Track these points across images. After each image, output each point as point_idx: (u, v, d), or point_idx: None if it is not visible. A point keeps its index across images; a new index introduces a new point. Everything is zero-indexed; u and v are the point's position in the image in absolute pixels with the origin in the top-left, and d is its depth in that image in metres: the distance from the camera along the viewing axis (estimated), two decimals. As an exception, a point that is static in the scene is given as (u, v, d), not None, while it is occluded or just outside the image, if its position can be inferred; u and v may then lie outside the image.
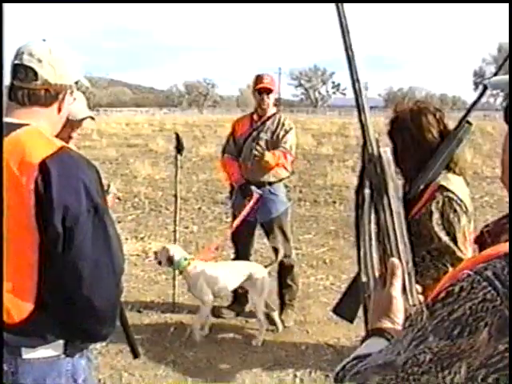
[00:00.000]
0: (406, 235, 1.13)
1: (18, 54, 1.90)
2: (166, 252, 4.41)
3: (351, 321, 2.49)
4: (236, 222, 4.81)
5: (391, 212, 1.12)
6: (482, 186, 11.12)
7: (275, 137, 4.75)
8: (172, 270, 4.82)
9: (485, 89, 2.34)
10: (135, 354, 2.64)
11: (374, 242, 1.16)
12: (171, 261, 4.39)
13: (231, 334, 4.63)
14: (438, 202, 2.41)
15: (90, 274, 1.79)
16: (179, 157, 5.52)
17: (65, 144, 1.86)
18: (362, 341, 1.07)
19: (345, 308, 2.50)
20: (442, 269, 2.43)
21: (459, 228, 2.43)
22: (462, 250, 2.42)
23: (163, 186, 11.73)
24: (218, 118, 45.19)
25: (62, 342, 1.90)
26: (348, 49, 1.12)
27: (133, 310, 5.03)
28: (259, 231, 5.09)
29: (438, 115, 2.49)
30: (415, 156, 2.46)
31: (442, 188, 2.42)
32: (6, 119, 1.89)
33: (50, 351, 1.89)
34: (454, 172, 2.49)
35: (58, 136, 1.96)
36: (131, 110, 78.00)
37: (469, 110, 2.33)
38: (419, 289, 1.15)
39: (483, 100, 2.52)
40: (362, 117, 1.12)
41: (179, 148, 5.44)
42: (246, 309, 4.96)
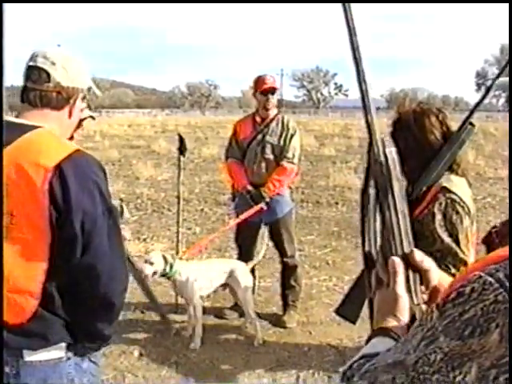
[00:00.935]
0: (410, 234, 1.14)
1: (33, 57, 1.94)
2: (149, 263, 4.20)
3: (354, 322, 2.49)
4: (232, 224, 4.82)
5: (396, 211, 1.13)
6: (485, 187, 11.10)
7: (282, 141, 4.75)
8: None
9: (488, 90, 2.34)
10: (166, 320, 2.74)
11: (378, 238, 1.18)
12: (163, 273, 4.25)
13: (234, 335, 4.64)
14: (440, 203, 2.41)
15: (106, 274, 1.85)
16: (182, 158, 5.53)
17: (78, 147, 1.89)
18: (367, 340, 1.08)
19: (347, 309, 2.50)
20: (444, 270, 2.41)
21: (462, 229, 2.43)
22: (464, 252, 2.41)
23: (165, 188, 11.75)
24: (220, 119, 45.24)
25: (64, 344, 1.90)
26: (355, 50, 1.12)
27: (136, 311, 5.04)
28: (261, 232, 5.08)
29: (440, 117, 2.49)
30: (418, 157, 2.46)
31: (445, 189, 2.42)
32: (19, 120, 1.92)
33: (52, 354, 1.89)
34: (457, 173, 2.49)
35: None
36: (133, 111, 78.16)
37: (472, 112, 2.33)
38: (423, 288, 1.15)
39: (486, 101, 2.52)
40: (369, 117, 1.12)
41: (182, 149, 5.45)
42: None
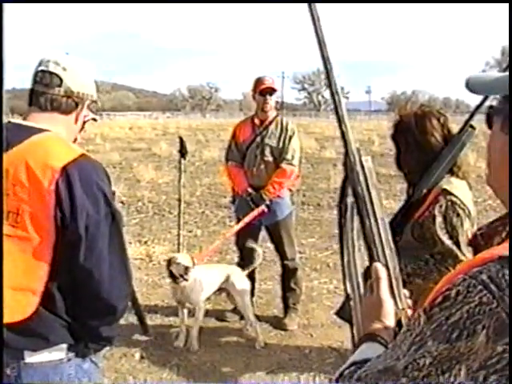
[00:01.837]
0: (391, 241, 1.15)
1: (44, 62, 1.99)
2: (183, 267, 4.24)
3: (350, 322, 2.49)
4: (236, 229, 4.83)
5: (376, 218, 1.14)
6: (486, 190, 11.05)
7: (281, 143, 4.75)
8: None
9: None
10: (146, 330, 2.75)
11: (356, 249, 1.19)
12: (186, 272, 4.24)
13: (235, 338, 4.64)
14: (441, 205, 2.42)
15: (108, 276, 1.87)
16: (183, 161, 5.54)
17: (84, 151, 1.92)
18: (356, 347, 1.09)
19: (348, 311, 2.50)
20: (444, 272, 2.42)
21: (462, 232, 2.43)
22: (464, 254, 2.42)
23: (166, 190, 11.75)
24: (221, 122, 45.26)
25: (64, 345, 1.91)
26: (326, 61, 1.13)
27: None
28: (262, 235, 5.09)
29: (442, 119, 2.50)
30: (419, 160, 2.47)
31: (446, 192, 2.42)
32: (27, 122, 1.97)
33: (53, 355, 1.89)
34: (458, 176, 2.49)
35: None
36: (134, 114, 78.29)
37: (472, 114, 2.34)
38: (407, 293, 1.16)
39: (487, 103, 2.53)
40: (343, 127, 1.14)
41: (183, 152, 5.46)
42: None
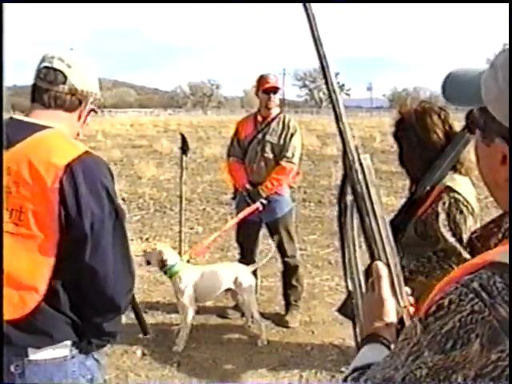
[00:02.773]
0: (391, 238, 1.15)
1: (47, 58, 1.96)
2: (159, 254, 4.30)
3: (353, 319, 2.48)
4: (229, 224, 4.83)
5: (376, 216, 1.14)
6: (487, 187, 11.07)
7: (282, 140, 4.74)
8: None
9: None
10: (145, 331, 2.74)
11: (357, 247, 1.19)
12: (163, 265, 4.29)
13: (237, 335, 4.63)
14: (444, 202, 2.41)
15: (113, 274, 1.86)
16: (184, 158, 5.53)
17: (87, 148, 1.91)
18: (358, 348, 1.08)
19: (350, 308, 2.50)
20: (448, 270, 2.42)
21: (465, 229, 2.42)
22: (468, 251, 2.41)
23: (168, 187, 11.75)
24: (222, 119, 45.26)
25: (68, 342, 1.90)
26: (322, 59, 1.12)
27: (138, 310, 5.03)
28: (263, 232, 5.08)
29: (442, 115, 2.48)
30: (421, 157, 2.46)
31: (449, 189, 2.41)
32: (29, 119, 1.94)
33: (57, 352, 1.89)
34: (461, 173, 2.48)
35: None
36: (136, 110, 78.34)
37: (470, 111, 2.32)
38: (408, 291, 1.16)
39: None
40: (341, 125, 1.14)
41: (184, 149, 5.45)
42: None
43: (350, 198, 1.16)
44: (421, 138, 2.46)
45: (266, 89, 4.74)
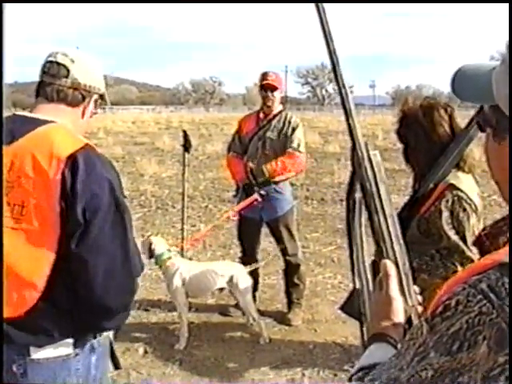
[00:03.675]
0: (400, 236, 1.14)
1: (53, 54, 1.98)
2: (148, 243, 4.34)
3: (359, 319, 2.47)
4: (226, 215, 4.84)
5: (384, 214, 1.12)
6: (491, 185, 10.95)
7: (282, 136, 4.72)
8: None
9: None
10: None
11: (365, 245, 1.18)
12: (152, 254, 4.31)
13: (239, 333, 4.62)
14: (447, 200, 2.40)
15: (104, 270, 1.79)
16: (186, 155, 5.52)
17: (89, 142, 1.90)
18: (365, 346, 1.07)
19: (353, 306, 2.48)
20: (451, 268, 2.41)
21: (468, 227, 2.41)
22: (471, 250, 2.40)
23: (170, 184, 11.74)
24: (224, 116, 45.25)
25: (71, 340, 1.88)
26: (332, 54, 1.10)
27: (140, 308, 5.04)
28: (265, 230, 5.07)
29: (449, 110, 2.47)
30: (428, 152, 2.44)
31: (452, 187, 2.40)
32: (32, 114, 1.94)
33: (60, 350, 1.87)
34: (464, 170, 2.47)
35: None
36: (137, 108, 78.34)
37: (480, 108, 2.31)
38: (417, 289, 1.15)
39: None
40: (350, 121, 1.12)
41: (187, 146, 5.44)
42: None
43: (358, 195, 1.15)
44: (428, 132, 2.44)
45: (262, 85, 4.74)
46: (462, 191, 2.41)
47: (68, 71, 1.94)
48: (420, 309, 1.11)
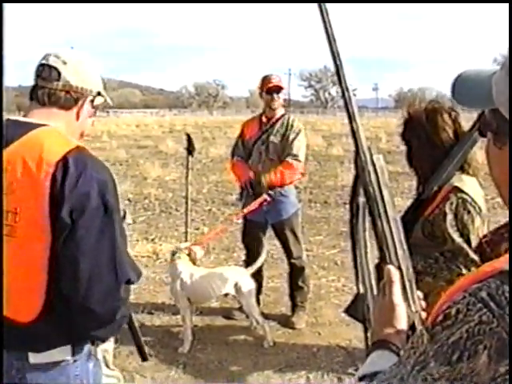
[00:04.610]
0: (404, 241, 1.13)
1: (45, 56, 1.94)
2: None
3: (363, 322, 2.47)
4: (236, 217, 4.85)
5: (388, 219, 1.12)
6: (494, 187, 10.99)
7: (285, 140, 4.72)
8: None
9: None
10: (144, 356, 2.61)
11: (369, 249, 1.17)
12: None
13: (242, 336, 4.62)
14: (451, 203, 2.39)
15: (89, 272, 1.73)
16: (190, 158, 5.52)
17: (80, 144, 1.86)
18: (367, 354, 1.07)
19: (357, 309, 2.48)
20: (455, 270, 2.41)
21: (473, 230, 2.40)
22: (475, 252, 2.39)
23: (173, 188, 11.75)
24: (227, 119, 45.27)
25: (69, 346, 1.86)
26: (336, 57, 1.10)
27: (144, 311, 5.04)
28: (270, 233, 5.07)
29: (453, 115, 2.47)
30: (431, 156, 2.44)
31: (456, 189, 2.39)
32: (25, 119, 1.91)
33: (58, 355, 1.85)
34: (468, 173, 2.46)
35: None
36: (141, 111, 78.49)
37: (484, 111, 2.30)
38: (420, 295, 1.14)
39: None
40: (354, 125, 1.11)
41: (190, 149, 5.44)
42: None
43: (361, 199, 1.14)
44: (431, 136, 2.44)
45: (269, 88, 4.72)
46: (466, 194, 2.40)
47: (59, 74, 1.90)
48: (424, 314, 1.10)
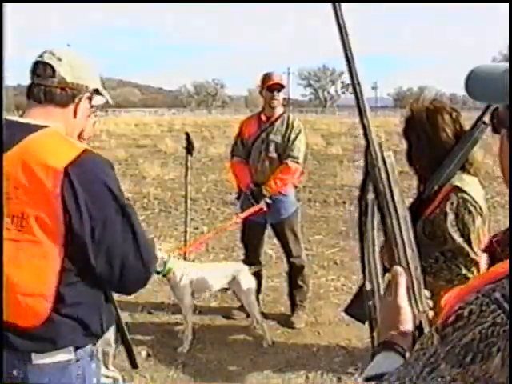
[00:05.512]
0: (413, 240, 1.11)
1: (40, 54, 1.93)
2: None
3: (363, 322, 2.46)
4: (231, 222, 4.81)
5: (397, 217, 1.10)
6: (493, 186, 10.99)
7: (286, 140, 4.71)
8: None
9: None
10: (133, 364, 2.62)
11: (377, 248, 1.16)
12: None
13: (242, 336, 4.61)
14: (452, 202, 2.38)
15: (120, 272, 1.83)
16: (189, 157, 5.51)
17: (86, 146, 1.85)
18: (372, 355, 1.05)
19: (356, 309, 2.47)
20: (455, 270, 2.40)
21: (473, 229, 2.40)
22: (475, 252, 2.39)
23: (172, 187, 11.73)
24: (226, 119, 45.22)
25: (72, 347, 1.86)
26: (348, 51, 1.08)
27: (143, 311, 5.03)
28: (268, 232, 5.06)
29: (454, 115, 2.46)
30: (430, 155, 2.43)
31: (457, 189, 2.39)
32: (24, 120, 1.89)
33: (61, 356, 1.85)
34: (469, 173, 2.46)
35: None
36: (140, 110, 78.47)
37: (485, 110, 2.29)
38: (428, 294, 1.13)
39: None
40: (365, 121, 1.10)
41: (189, 148, 5.43)
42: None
43: (370, 196, 1.13)
44: (430, 136, 2.43)
45: (270, 86, 4.71)
46: (467, 193, 2.39)
47: (54, 70, 1.89)
48: (431, 314, 1.09)
